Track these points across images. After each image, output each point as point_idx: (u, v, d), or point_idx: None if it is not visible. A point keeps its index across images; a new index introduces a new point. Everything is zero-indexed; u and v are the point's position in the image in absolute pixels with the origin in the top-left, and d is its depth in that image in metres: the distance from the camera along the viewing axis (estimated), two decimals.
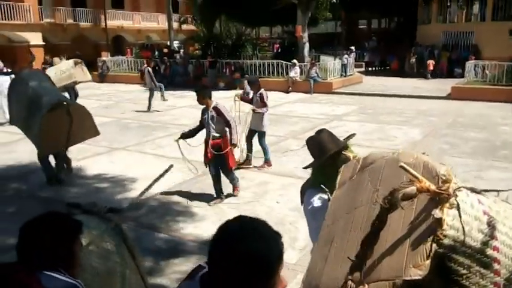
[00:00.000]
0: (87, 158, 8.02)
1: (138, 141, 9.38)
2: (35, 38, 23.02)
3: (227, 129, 5.70)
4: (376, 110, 13.15)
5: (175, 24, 26.31)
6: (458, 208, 1.34)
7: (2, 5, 21.53)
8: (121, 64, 23.71)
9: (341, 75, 19.29)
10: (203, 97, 5.65)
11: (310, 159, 2.52)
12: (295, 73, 17.75)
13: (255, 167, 7.37)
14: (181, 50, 26.68)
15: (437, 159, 1.63)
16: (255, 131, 7.41)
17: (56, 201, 5.63)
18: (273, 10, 18.43)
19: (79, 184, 6.64)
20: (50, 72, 12.12)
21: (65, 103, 5.94)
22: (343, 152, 2.31)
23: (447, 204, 1.35)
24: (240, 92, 8.39)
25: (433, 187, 1.39)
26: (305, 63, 18.31)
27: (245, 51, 24.65)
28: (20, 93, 5.93)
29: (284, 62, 18.56)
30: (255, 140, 7.47)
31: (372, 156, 1.79)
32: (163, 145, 9.12)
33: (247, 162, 7.44)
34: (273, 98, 16.29)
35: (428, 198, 1.40)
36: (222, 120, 5.62)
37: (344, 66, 19.58)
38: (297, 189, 5.96)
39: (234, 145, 5.81)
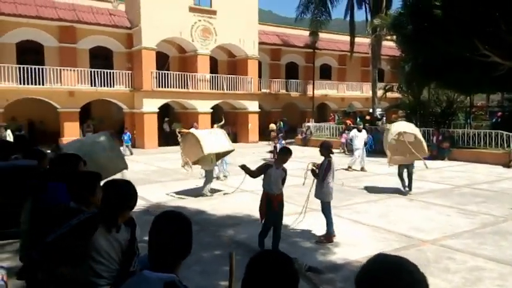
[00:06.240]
0: (287, 215, 8.35)
1: (335, 204, 9.31)
2: (253, 106, 26.38)
3: None
4: None
5: (379, 92, 26.38)
6: None
7: (228, 78, 25.62)
8: (323, 130, 24.87)
9: None
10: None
11: None
12: None
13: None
14: (384, 118, 26.43)
15: None
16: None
17: None
18: (492, 76, 16.62)
19: (283, 238, 6.86)
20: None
21: None
22: None
23: None
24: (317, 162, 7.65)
25: None
26: None
27: (456, 120, 22.82)
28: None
29: (505, 133, 16.30)
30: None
31: None
32: (359, 211, 8.92)
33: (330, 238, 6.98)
34: (489, 172, 14.35)
35: None
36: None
37: None
38: None
39: None
